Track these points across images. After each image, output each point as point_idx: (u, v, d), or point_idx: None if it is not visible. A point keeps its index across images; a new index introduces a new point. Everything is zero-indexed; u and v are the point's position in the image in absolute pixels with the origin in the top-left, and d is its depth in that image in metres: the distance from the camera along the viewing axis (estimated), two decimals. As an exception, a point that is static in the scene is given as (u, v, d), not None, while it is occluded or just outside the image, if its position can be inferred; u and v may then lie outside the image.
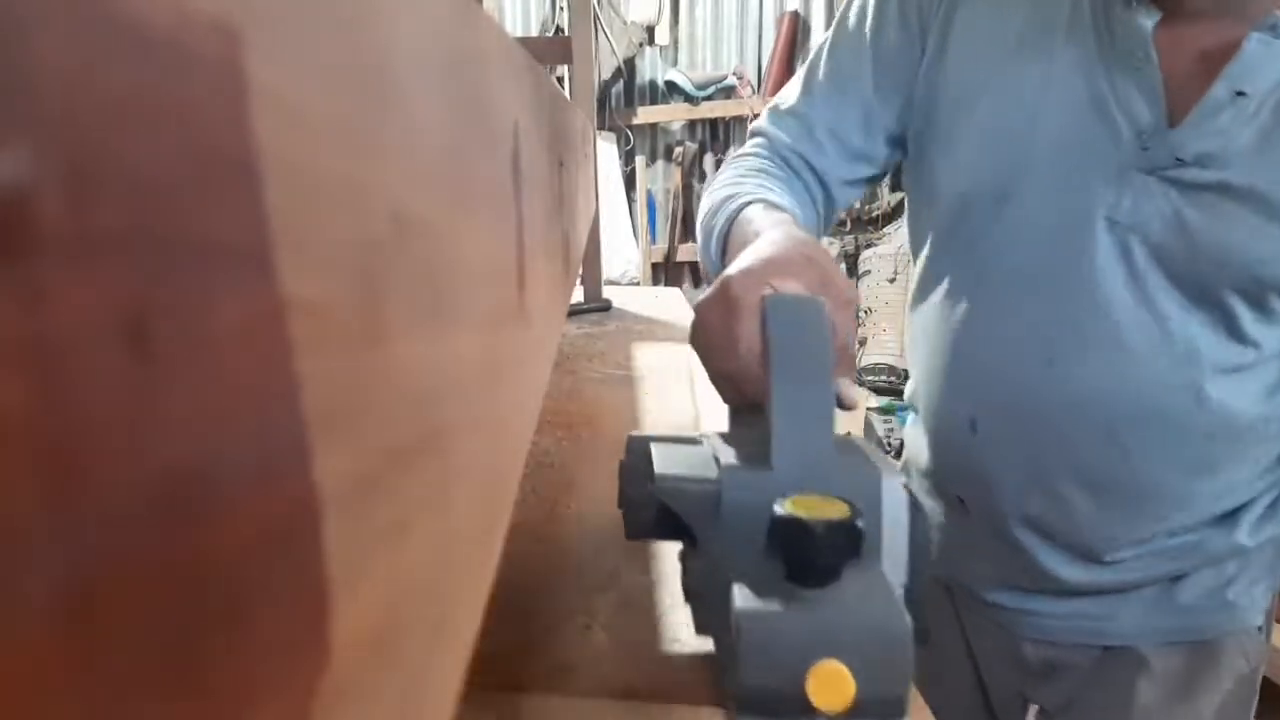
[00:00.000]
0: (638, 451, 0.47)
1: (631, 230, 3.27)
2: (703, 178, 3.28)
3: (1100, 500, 0.72)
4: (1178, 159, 0.64)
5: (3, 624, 0.06)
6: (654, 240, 3.33)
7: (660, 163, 3.34)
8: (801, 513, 0.38)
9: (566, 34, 1.44)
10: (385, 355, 0.15)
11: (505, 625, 0.52)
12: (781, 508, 0.38)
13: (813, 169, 0.81)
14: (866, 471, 0.43)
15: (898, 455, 2.32)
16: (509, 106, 0.32)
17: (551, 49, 1.55)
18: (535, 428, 0.43)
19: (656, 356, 1.14)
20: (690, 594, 0.47)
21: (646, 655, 0.50)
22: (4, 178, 0.06)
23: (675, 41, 3.22)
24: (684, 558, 0.48)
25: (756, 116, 0.92)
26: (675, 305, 1.51)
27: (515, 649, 0.50)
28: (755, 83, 3.20)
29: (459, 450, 0.21)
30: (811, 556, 0.37)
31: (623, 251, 3.23)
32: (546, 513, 0.69)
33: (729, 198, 0.73)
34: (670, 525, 0.44)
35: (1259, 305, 0.66)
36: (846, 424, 2.70)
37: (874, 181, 0.88)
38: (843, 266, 3.16)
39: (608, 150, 3.15)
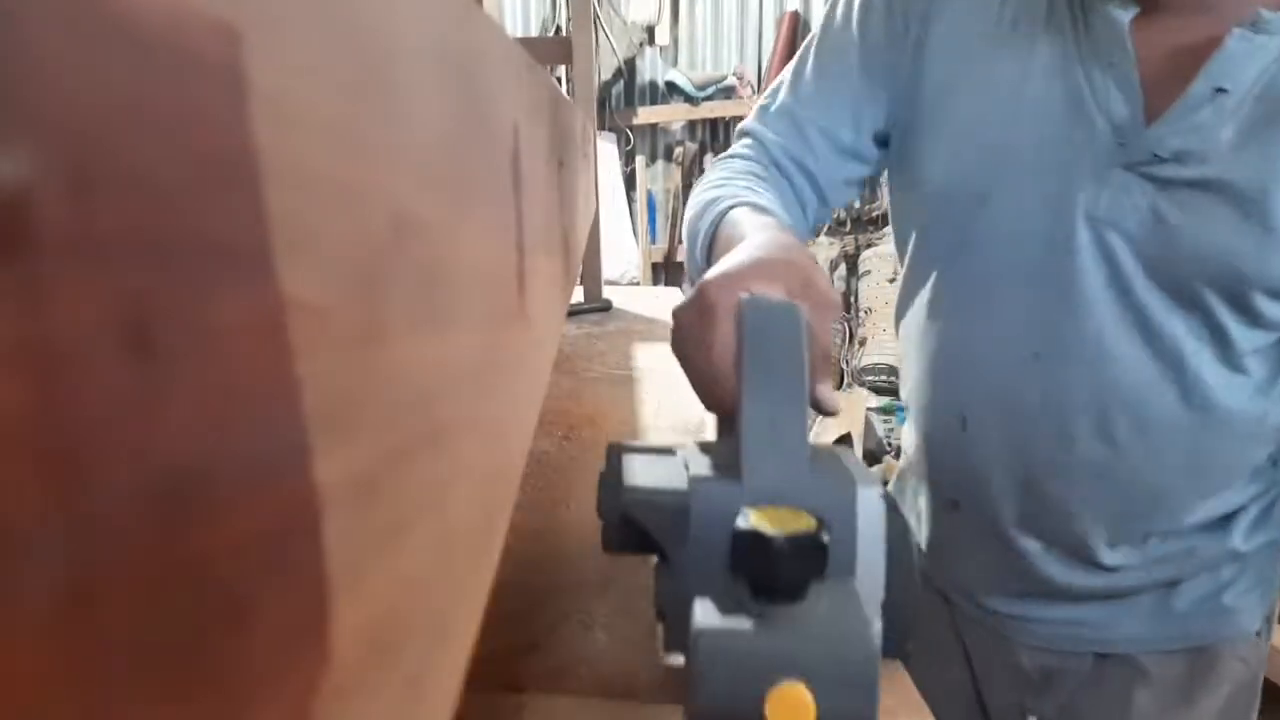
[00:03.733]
0: (614, 461, 0.44)
1: (631, 230, 3.27)
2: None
3: (1091, 498, 0.71)
4: (1155, 155, 0.64)
5: (3, 624, 0.06)
6: (654, 240, 3.32)
7: (660, 163, 3.33)
8: (765, 526, 0.35)
9: (566, 34, 1.44)
10: (385, 355, 0.15)
11: (505, 625, 0.52)
12: (745, 521, 0.35)
13: (804, 169, 0.79)
14: (841, 482, 0.40)
15: (897, 455, 2.32)
16: (509, 106, 0.32)
17: (551, 49, 1.55)
18: (535, 428, 0.43)
19: (656, 356, 1.14)
20: (661, 613, 0.42)
21: (646, 655, 0.50)
22: (4, 178, 0.06)
23: (675, 41, 3.21)
24: (657, 574, 0.43)
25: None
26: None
27: (515, 649, 0.50)
28: (755, 83, 3.20)
29: (459, 450, 0.21)
30: (774, 572, 0.35)
31: (623, 251, 3.22)
32: (546, 513, 0.69)
33: (714, 200, 0.69)
34: (642, 539, 0.41)
35: (1240, 305, 0.65)
36: (846, 424, 2.70)
37: (865, 181, 0.86)
38: (843, 267, 3.16)
39: (608, 150, 3.14)
